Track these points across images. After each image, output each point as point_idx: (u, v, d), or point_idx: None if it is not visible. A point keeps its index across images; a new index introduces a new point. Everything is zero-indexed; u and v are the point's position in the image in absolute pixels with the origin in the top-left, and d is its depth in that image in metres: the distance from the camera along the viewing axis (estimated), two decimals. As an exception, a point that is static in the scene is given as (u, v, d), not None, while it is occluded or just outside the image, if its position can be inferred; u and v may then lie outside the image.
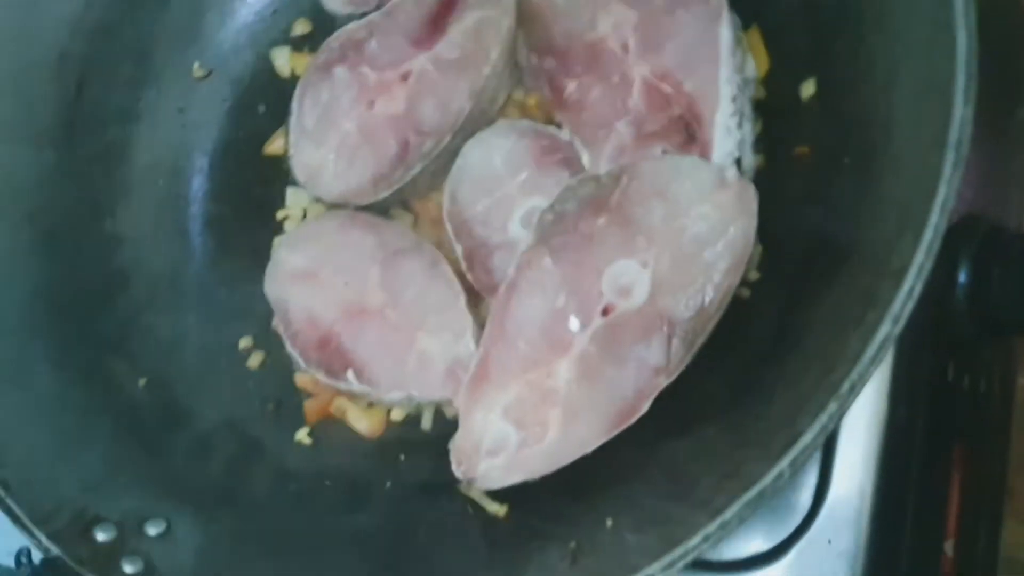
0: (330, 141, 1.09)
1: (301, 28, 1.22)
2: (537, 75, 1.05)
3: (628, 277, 0.91)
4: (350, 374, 1.00)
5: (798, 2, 0.98)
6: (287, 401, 1.08)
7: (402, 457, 1.03)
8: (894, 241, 0.77)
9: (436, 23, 1.08)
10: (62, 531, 0.88)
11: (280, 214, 1.17)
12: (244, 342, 1.13)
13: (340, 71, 1.10)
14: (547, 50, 1.04)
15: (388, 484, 1.01)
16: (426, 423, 1.05)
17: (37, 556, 0.87)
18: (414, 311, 1.01)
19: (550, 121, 1.08)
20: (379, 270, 1.03)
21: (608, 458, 0.88)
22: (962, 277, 0.99)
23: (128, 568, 0.87)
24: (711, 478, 0.79)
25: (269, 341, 1.11)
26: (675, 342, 0.89)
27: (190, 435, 1.05)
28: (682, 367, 0.89)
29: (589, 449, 0.89)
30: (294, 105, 1.11)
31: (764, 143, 1.00)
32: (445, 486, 0.96)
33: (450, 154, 1.06)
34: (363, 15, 1.13)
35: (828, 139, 0.92)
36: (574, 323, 0.91)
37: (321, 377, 1.03)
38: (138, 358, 1.09)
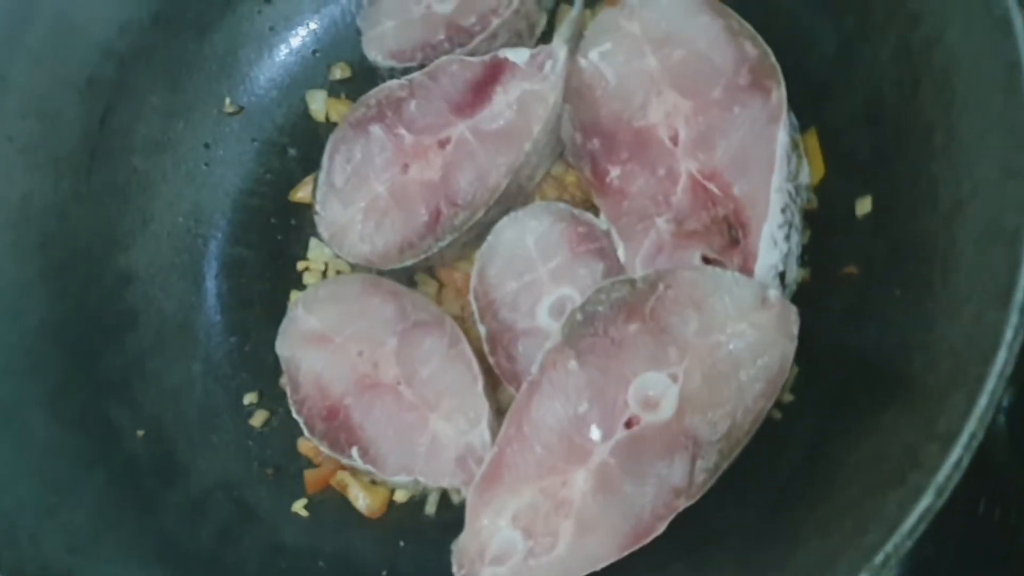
0: (359, 202, 1.05)
1: (340, 73, 1.19)
2: (580, 154, 1.01)
3: (656, 390, 0.87)
4: (355, 452, 0.97)
5: (861, 111, 0.93)
6: (287, 467, 1.05)
7: (401, 543, 1.00)
8: (943, 398, 0.72)
9: (481, 91, 1.04)
10: (42, 599, 0.85)
11: (300, 265, 1.13)
12: (249, 397, 1.09)
13: (376, 130, 1.06)
14: (593, 130, 1.00)
15: (384, 573, 0.97)
16: (430, 508, 1.01)
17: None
18: (429, 391, 0.97)
19: (588, 200, 1.04)
20: (397, 342, 0.99)
21: (617, 577, 0.84)
22: (1005, 401, 0.94)
23: (108, 644, 0.83)
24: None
25: (275, 399, 1.07)
26: (699, 463, 0.85)
27: (184, 494, 1.02)
28: (704, 490, 0.85)
29: (599, 566, 0.85)
30: (324, 160, 1.07)
31: (811, 256, 0.96)
32: (444, 582, 0.92)
33: (482, 227, 1.03)
34: (405, 71, 1.08)
35: (880, 264, 0.88)
36: (595, 432, 0.87)
37: (325, 449, 0.99)
38: (139, 406, 1.05)
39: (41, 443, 0.97)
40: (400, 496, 1.02)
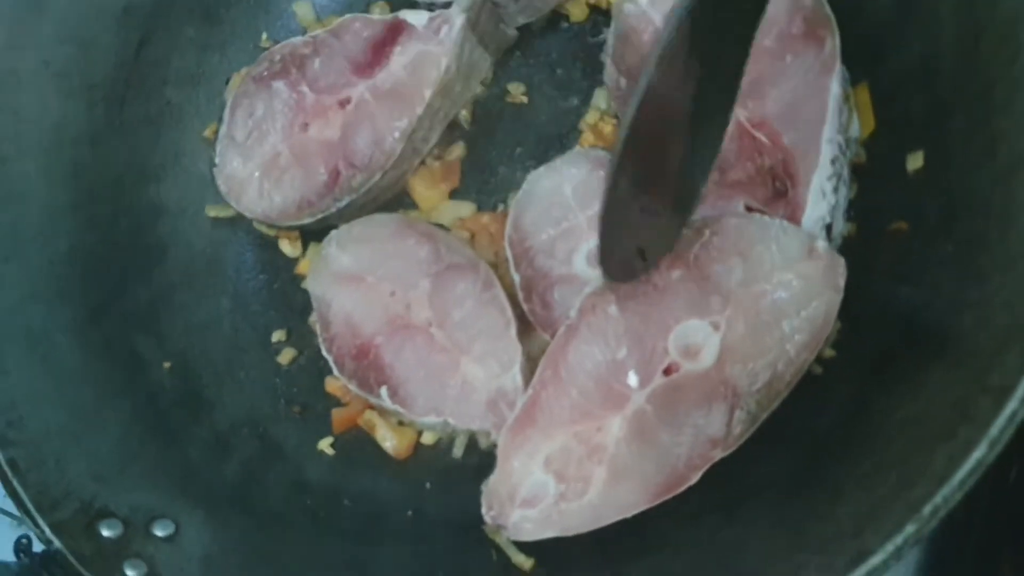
0: (258, 158, 1.06)
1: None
2: (623, 100, 0.99)
3: (697, 338, 0.85)
4: (384, 391, 0.95)
5: (918, 65, 0.90)
6: (314, 406, 1.04)
7: (428, 485, 0.99)
8: (997, 352, 0.70)
9: (380, 50, 1.05)
10: (67, 522, 0.84)
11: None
12: (277, 335, 1.08)
13: (279, 86, 1.07)
14: (638, 75, 0.97)
15: (409, 513, 0.96)
16: (458, 450, 0.99)
17: (38, 547, 0.82)
18: (461, 334, 0.95)
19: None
20: (430, 284, 0.98)
21: (645, 527, 0.83)
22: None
23: (130, 572, 0.82)
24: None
25: (303, 338, 1.06)
26: (737, 414, 0.83)
27: (209, 429, 1.01)
28: (740, 442, 0.84)
29: (630, 514, 0.84)
30: (226, 113, 1.07)
31: (858, 211, 0.94)
32: (470, 526, 0.91)
33: (379, 190, 1.04)
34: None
35: (931, 220, 0.85)
36: (633, 379, 0.86)
37: (353, 388, 0.98)
38: (166, 338, 1.04)
39: (68, 370, 0.95)
40: (428, 438, 1.00)
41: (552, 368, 0.88)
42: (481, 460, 0.97)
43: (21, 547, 0.93)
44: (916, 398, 0.77)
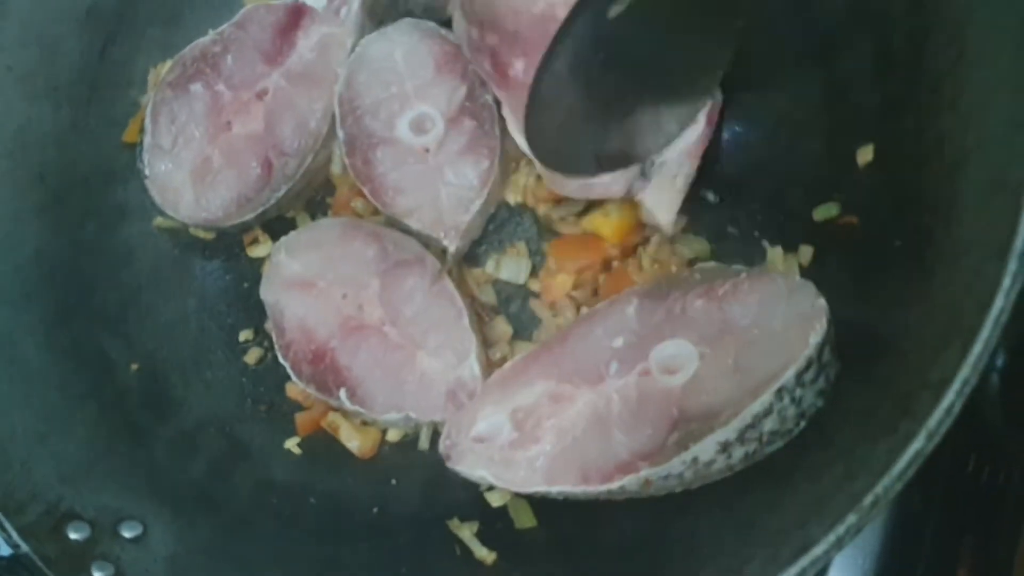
0: (187, 163, 1.06)
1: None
2: (478, 49, 0.98)
3: (680, 358, 0.86)
4: (343, 393, 0.96)
5: (870, 62, 0.92)
6: (280, 405, 1.05)
7: (393, 482, 1.00)
8: (939, 348, 0.72)
9: (285, 36, 1.08)
10: (34, 525, 0.85)
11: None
12: (244, 334, 1.09)
13: (196, 88, 1.07)
14: (490, 24, 0.96)
15: (375, 510, 0.97)
16: (423, 443, 1.01)
17: (6, 550, 0.83)
18: (415, 329, 0.97)
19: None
20: (379, 283, 0.99)
21: (606, 525, 0.85)
22: (999, 362, 0.94)
23: (97, 574, 0.83)
24: (710, 571, 0.75)
25: (270, 338, 1.06)
26: (675, 435, 0.83)
27: (176, 428, 1.02)
28: (669, 461, 0.82)
29: (555, 488, 0.85)
30: (147, 123, 1.07)
31: (809, 204, 0.95)
32: (434, 521, 0.93)
33: (312, 173, 1.06)
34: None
35: (881, 215, 0.87)
36: (614, 367, 0.89)
37: (312, 392, 0.99)
38: (134, 339, 1.05)
39: (34, 372, 0.97)
40: (393, 435, 1.01)
41: (572, 333, 0.92)
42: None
43: (-11, 548, 0.94)
44: (864, 392, 0.78)
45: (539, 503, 0.91)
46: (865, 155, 0.90)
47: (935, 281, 0.77)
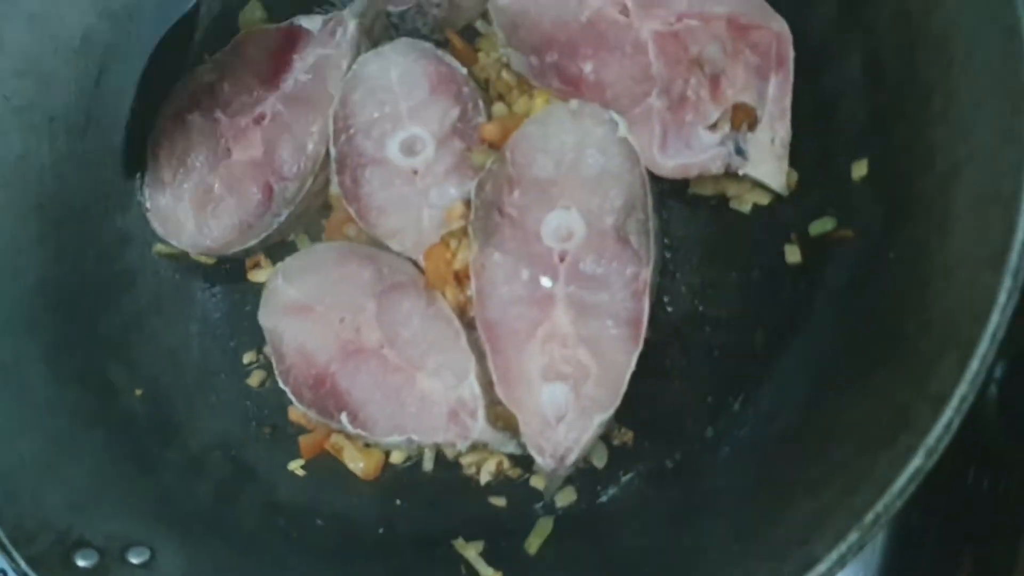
0: (188, 194, 1.07)
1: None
2: (544, 73, 1.02)
3: (562, 223, 0.94)
4: (344, 417, 0.97)
5: (859, 74, 0.93)
6: (284, 426, 1.05)
7: (398, 502, 1.01)
8: (936, 360, 0.73)
9: (281, 59, 1.08)
10: (43, 555, 0.85)
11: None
12: (248, 357, 1.09)
13: (194, 118, 1.08)
14: (544, 45, 1.01)
15: (381, 530, 0.98)
16: (428, 464, 1.01)
17: (15, 580, 0.84)
18: (413, 351, 0.97)
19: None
20: (376, 305, 0.99)
21: (611, 540, 0.85)
22: (997, 373, 0.95)
23: (106, 602, 0.84)
24: (716, 585, 0.76)
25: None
26: (632, 238, 0.93)
27: (182, 453, 1.02)
28: (652, 251, 0.92)
29: (633, 363, 0.89)
30: (148, 156, 1.08)
31: (805, 217, 0.95)
32: (440, 540, 0.94)
33: (311, 196, 1.06)
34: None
35: (876, 228, 0.88)
36: (545, 281, 0.94)
37: (314, 416, 0.99)
38: (137, 365, 1.06)
39: (40, 401, 0.97)
40: (396, 457, 1.02)
41: (487, 325, 0.94)
42: (451, 473, 0.99)
43: (-2, 578, 0.95)
44: (862, 402, 0.79)
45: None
46: (860, 169, 0.91)
47: (930, 293, 0.78)
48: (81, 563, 0.86)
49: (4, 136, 1.03)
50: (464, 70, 1.04)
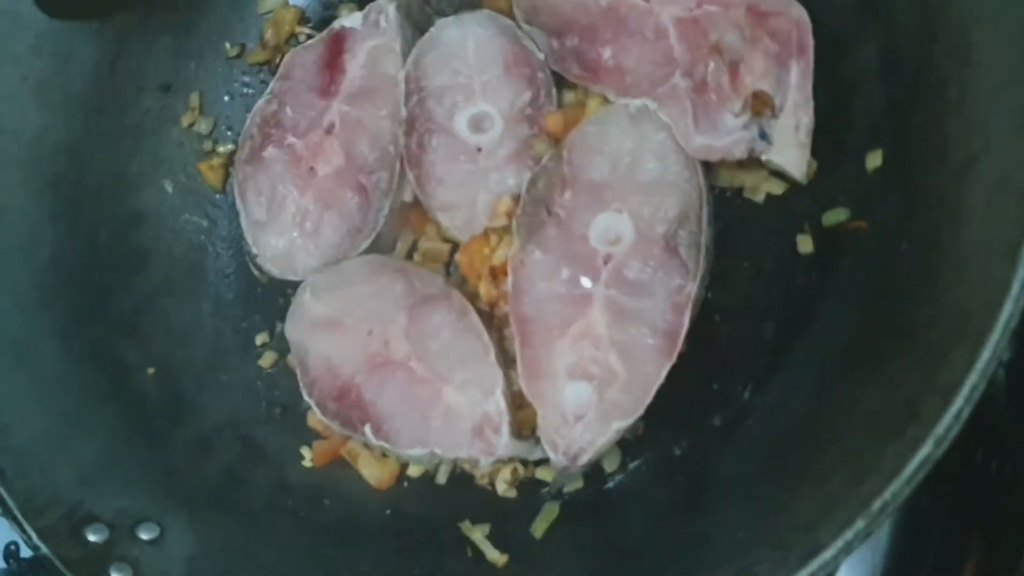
0: (289, 224, 1.06)
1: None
2: (564, 57, 1.02)
3: (611, 227, 0.94)
4: (368, 429, 0.96)
5: (876, 63, 0.92)
6: (295, 407, 1.05)
7: (405, 484, 1.00)
8: (947, 351, 0.72)
9: (333, 66, 1.08)
10: (53, 528, 0.86)
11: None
12: (260, 338, 1.10)
13: (269, 152, 1.08)
14: (567, 29, 1.01)
15: (388, 512, 0.98)
16: (442, 477, 1.00)
17: (26, 552, 0.85)
18: (441, 364, 0.96)
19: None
20: (406, 318, 0.98)
21: (617, 526, 0.86)
22: (1005, 356, 0.94)
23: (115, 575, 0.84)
24: (721, 572, 0.76)
25: (285, 341, 1.07)
26: (681, 250, 0.92)
27: (193, 431, 1.03)
28: (701, 268, 0.91)
29: (663, 375, 0.89)
30: (238, 204, 1.08)
31: (819, 208, 0.95)
32: (446, 523, 0.94)
33: (405, 183, 1.05)
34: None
35: (889, 218, 0.87)
36: (586, 281, 0.93)
37: (337, 427, 0.98)
38: (149, 344, 1.06)
39: (52, 378, 0.98)
40: (414, 471, 1.01)
41: (519, 320, 0.94)
42: (466, 483, 0.99)
43: (10, 552, 0.95)
44: (873, 393, 0.79)
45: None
46: (874, 160, 0.91)
47: (941, 284, 0.78)
48: (91, 537, 0.87)
49: (21, 115, 1.04)
50: (541, 55, 1.03)
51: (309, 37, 1.15)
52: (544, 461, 0.94)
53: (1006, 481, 1.08)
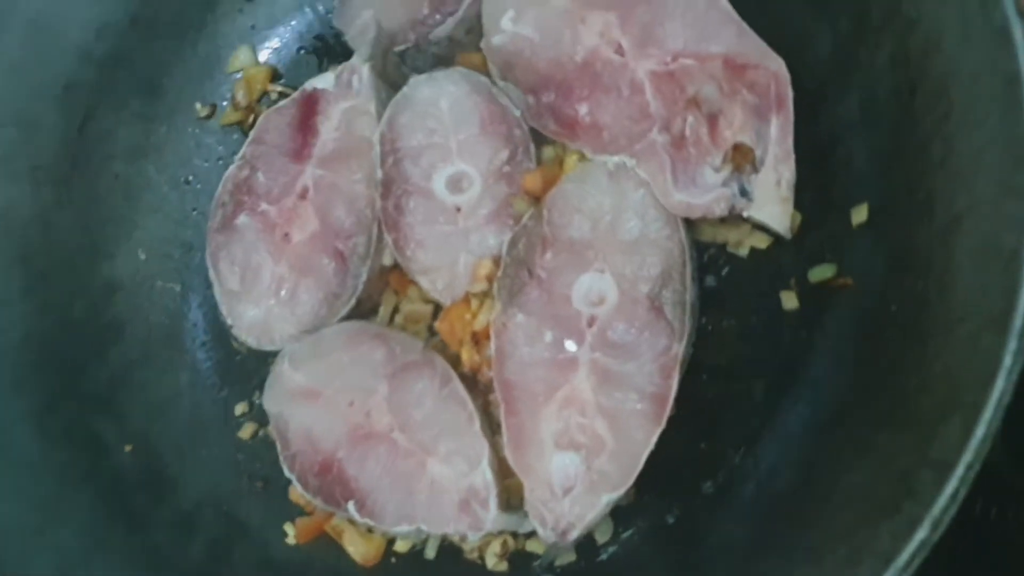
0: (264, 292, 1.03)
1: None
2: (540, 113, 1.00)
3: (594, 287, 0.92)
4: (351, 506, 0.93)
5: (857, 116, 0.91)
6: (276, 480, 1.02)
7: (393, 560, 0.98)
8: (939, 422, 0.71)
9: (305, 127, 1.06)
10: (32, 624, 0.84)
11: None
12: (240, 408, 1.08)
13: (242, 221, 1.05)
14: (543, 86, 0.99)
15: (376, 585, 0.97)
16: (430, 552, 0.98)
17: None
18: (425, 435, 0.94)
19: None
20: (387, 387, 0.96)
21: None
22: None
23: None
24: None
25: (264, 412, 1.05)
26: (667, 309, 0.90)
27: (174, 510, 1.01)
28: (687, 328, 0.90)
29: (652, 442, 0.87)
30: (211, 275, 1.06)
31: (804, 263, 0.93)
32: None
33: (383, 246, 1.03)
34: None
35: (876, 277, 0.86)
36: (570, 344, 0.91)
37: (319, 504, 0.96)
38: (126, 419, 1.04)
39: (27, 461, 0.96)
40: (401, 546, 0.98)
41: (504, 385, 0.92)
42: (456, 557, 0.97)
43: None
44: (865, 463, 0.77)
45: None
46: (859, 214, 0.89)
47: (931, 349, 0.76)
48: (72, 630, 0.85)
49: (-13, 187, 1.02)
50: (517, 111, 1.01)
51: (282, 95, 1.14)
52: (535, 533, 0.91)
53: (1006, 528, 1.07)
